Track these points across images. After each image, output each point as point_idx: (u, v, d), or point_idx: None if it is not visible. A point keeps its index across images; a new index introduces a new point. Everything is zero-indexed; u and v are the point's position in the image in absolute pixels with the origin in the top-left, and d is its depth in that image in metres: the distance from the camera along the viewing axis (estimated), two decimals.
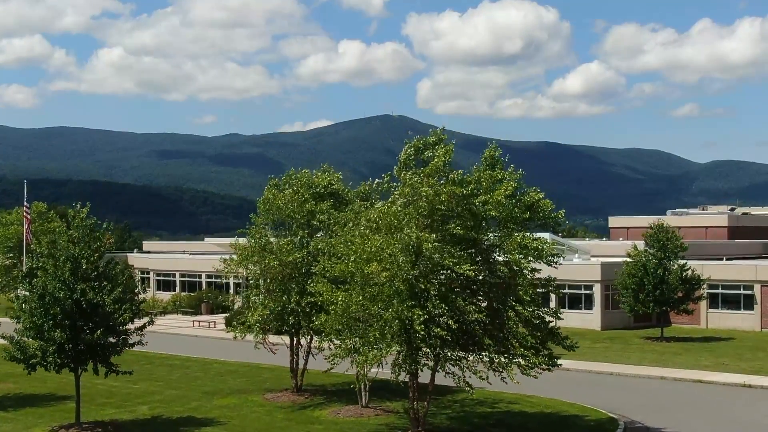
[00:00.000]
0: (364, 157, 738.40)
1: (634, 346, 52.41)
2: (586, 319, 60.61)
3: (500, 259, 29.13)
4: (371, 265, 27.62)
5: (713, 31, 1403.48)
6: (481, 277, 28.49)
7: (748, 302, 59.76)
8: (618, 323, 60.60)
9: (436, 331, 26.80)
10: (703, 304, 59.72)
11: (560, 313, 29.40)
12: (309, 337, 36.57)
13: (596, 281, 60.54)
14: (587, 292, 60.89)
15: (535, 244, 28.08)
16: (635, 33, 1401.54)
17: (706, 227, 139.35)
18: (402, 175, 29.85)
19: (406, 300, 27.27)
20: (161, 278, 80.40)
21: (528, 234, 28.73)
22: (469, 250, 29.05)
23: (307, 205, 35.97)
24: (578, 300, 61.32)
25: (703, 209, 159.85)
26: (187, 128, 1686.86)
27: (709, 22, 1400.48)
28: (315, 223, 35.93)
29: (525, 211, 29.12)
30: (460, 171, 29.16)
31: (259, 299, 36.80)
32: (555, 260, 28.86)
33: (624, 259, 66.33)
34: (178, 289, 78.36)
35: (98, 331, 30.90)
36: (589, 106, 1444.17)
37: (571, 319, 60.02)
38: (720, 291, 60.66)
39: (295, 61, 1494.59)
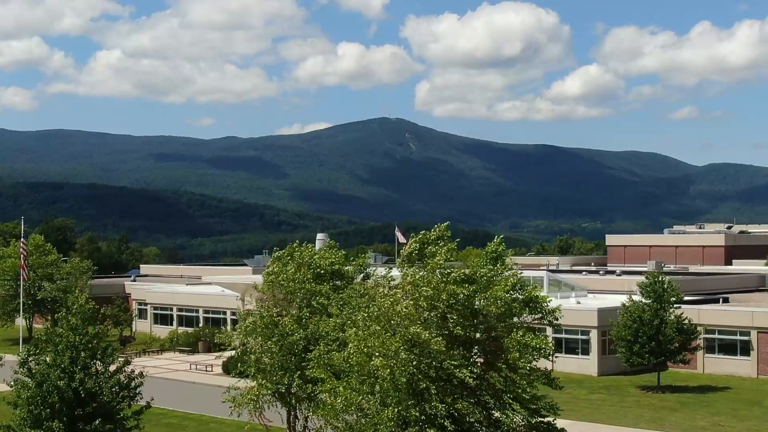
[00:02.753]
0: (362, 159, 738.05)
1: (631, 399, 52.50)
2: (583, 365, 60.71)
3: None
4: (375, 360, 27.70)
5: (712, 34, 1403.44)
6: (481, 381, 28.62)
7: (745, 348, 59.85)
8: (615, 368, 60.64)
9: None
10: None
11: (558, 410, 29.37)
12: (306, 414, 36.64)
13: (593, 327, 60.64)
14: (584, 337, 60.99)
15: (535, 343, 28.17)
16: (634, 36, 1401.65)
17: (703, 246, 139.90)
18: (405, 269, 30.05)
19: (404, 399, 27.38)
20: (158, 312, 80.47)
21: (528, 331, 28.87)
22: (467, 345, 29.23)
23: (307, 285, 36.24)
24: (575, 345, 61.42)
25: (700, 227, 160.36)
26: (184, 131, 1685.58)
27: (709, 24, 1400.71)
28: (314, 304, 36.08)
29: (523, 308, 29.29)
30: (463, 271, 29.23)
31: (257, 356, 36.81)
32: (552, 353, 29.10)
33: (621, 299, 66.53)
34: (175, 323, 78.44)
35: (96, 421, 30.99)
36: (588, 109, 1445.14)
37: (568, 364, 60.22)
38: (717, 336, 60.75)
39: (294, 63, 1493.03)
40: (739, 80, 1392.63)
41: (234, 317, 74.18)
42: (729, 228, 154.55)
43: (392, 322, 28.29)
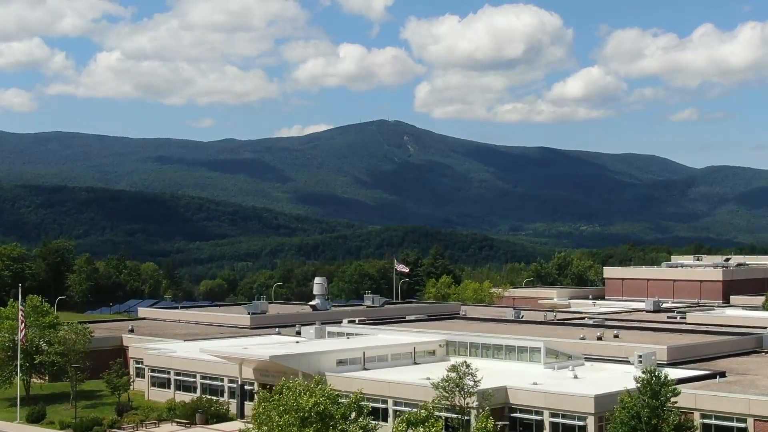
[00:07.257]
0: (361, 162, 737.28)
1: None
2: None
3: None
4: None
5: (714, 36, 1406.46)
6: None
7: None
8: None
9: None
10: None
11: None
12: None
13: (590, 413, 60.62)
14: (580, 423, 61.03)
15: None
16: (636, 37, 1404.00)
17: (701, 281, 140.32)
18: None
19: None
20: (156, 375, 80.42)
21: None
22: None
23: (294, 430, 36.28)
24: (572, 430, 61.48)
25: (698, 259, 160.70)
26: (183, 133, 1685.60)
27: (711, 27, 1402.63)
28: None
29: None
30: None
31: None
32: None
33: (619, 373, 66.57)
34: (172, 387, 78.37)
35: None
36: (589, 111, 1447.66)
37: None
38: (713, 422, 60.80)
39: (295, 64, 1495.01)
40: (740, 82, 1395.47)
41: (231, 385, 74.21)
42: (727, 260, 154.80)
43: None
